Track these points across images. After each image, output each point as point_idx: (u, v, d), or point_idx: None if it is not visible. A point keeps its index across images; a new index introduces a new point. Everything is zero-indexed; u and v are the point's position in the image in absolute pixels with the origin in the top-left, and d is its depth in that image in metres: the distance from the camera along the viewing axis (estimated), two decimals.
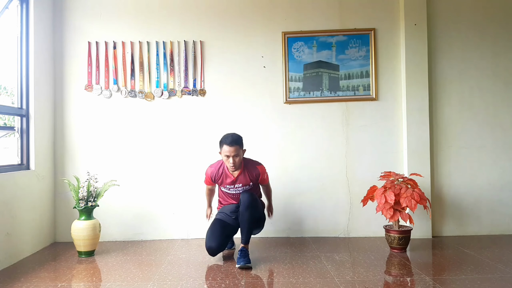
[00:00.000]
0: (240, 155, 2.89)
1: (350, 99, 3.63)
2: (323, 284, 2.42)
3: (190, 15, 3.64)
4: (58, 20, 3.63)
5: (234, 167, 2.87)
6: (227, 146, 2.82)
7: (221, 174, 2.96)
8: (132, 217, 3.59)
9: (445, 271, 2.66)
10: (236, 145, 2.83)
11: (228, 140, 2.83)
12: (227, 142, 2.83)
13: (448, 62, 3.63)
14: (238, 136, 2.91)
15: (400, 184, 3.11)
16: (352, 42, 3.65)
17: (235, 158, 2.84)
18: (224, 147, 2.84)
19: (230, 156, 2.83)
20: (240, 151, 2.87)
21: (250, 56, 3.63)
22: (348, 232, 3.61)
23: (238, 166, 2.90)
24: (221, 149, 2.88)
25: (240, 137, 2.92)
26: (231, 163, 2.84)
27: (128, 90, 3.62)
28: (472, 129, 3.62)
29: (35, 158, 3.28)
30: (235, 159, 2.84)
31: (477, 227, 3.60)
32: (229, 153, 2.82)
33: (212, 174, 2.99)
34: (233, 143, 2.82)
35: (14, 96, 3.27)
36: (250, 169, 2.96)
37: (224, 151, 2.85)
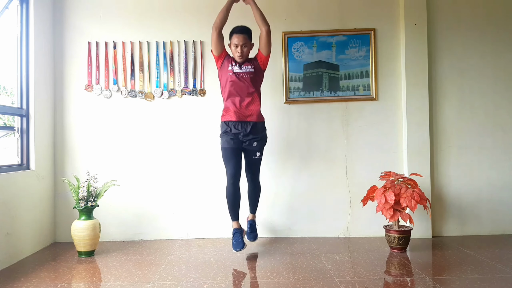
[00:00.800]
0: (248, 47, 2.95)
1: (350, 99, 3.63)
2: (323, 284, 2.42)
3: (190, 15, 3.64)
4: (58, 20, 3.63)
5: (242, 56, 2.92)
6: (236, 34, 2.89)
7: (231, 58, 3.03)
8: (132, 217, 3.59)
9: (445, 271, 2.66)
10: (245, 34, 2.90)
11: (238, 28, 2.91)
12: (236, 31, 2.91)
13: (448, 62, 3.63)
14: (247, 27, 2.98)
15: (400, 184, 3.11)
16: (352, 42, 3.65)
17: (243, 47, 2.89)
18: (233, 36, 2.91)
19: (238, 45, 2.88)
20: (248, 42, 2.93)
21: (250, 56, 3.62)
22: (348, 232, 3.61)
23: (246, 58, 2.96)
24: (230, 39, 2.95)
25: (249, 28, 2.98)
26: (238, 52, 2.89)
27: (128, 90, 3.62)
28: (472, 129, 3.62)
29: (35, 158, 3.28)
30: (243, 49, 2.89)
31: (477, 227, 3.60)
32: (238, 41, 2.88)
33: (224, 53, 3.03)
34: (243, 31, 2.89)
35: (14, 96, 3.27)
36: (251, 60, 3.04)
37: (233, 40, 2.92)
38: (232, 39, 2.94)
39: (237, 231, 3.05)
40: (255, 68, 3.01)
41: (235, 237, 3.01)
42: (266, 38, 2.95)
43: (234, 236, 3.02)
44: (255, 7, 2.98)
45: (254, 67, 3.01)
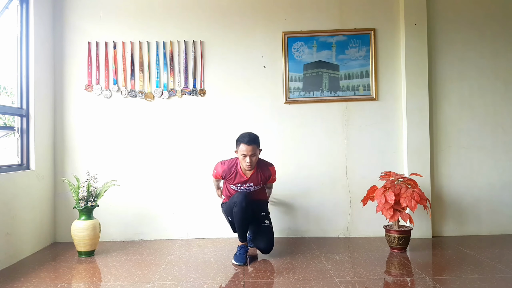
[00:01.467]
0: (257, 155, 2.88)
1: (350, 99, 3.63)
2: (323, 284, 2.42)
3: (190, 15, 3.64)
4: (58, 20, 3.63)
5: (251, 166, 2.86)
6: (245, 145, 2.80)
7: (233, 172, 2.94)
8: (132, 217, 3.59)
9: (445, 271, 2.66)
10: (254, 144, 2.82)
11: (246, 139, 2.81)
12: (245, 141, 2.81)
13: (448, 62, 3.63)
14: (255, 135, 2.90)
15: (400, 184, 3.11)
16: (352, 42, 3.65)
17: (252, 157, 2.83)
18: (242, 146, 2.82)
19: (247, 156, 2.82)
20: (257, 151, 2.87)
21: (250, 56, 3.63)
22: (348, 232, 3.60)
23: (254, 166, 2.90)
24: (238, 148, 2.86)
25: (257, 136, 2.91)
26: (247, 162, 2.83)
27: (128, 90, 3.62)
28: (472, 129, 3.62)
29: (35, 158, 3.28)
30: (252, 158, 2.83)
31: (477, 227, 3.60)
32: (247, 152, 2.81)
33: (224, 172, 2.96)
34: (251, 142, 2.81)
35: (14, 96, 3.27)
36: (263, 170, 2.97)
37: (241, 150, 2.83)
38: (239, 148, 2.84)
39: (243, 247, 2.91)
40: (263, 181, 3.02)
41: (240, 251, 2.88)
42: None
43: (240, 250, 2.89)
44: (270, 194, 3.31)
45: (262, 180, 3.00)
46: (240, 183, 2.95)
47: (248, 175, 2.93)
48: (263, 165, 2.99)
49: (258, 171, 2.95)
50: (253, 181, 2.95)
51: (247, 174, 2.93)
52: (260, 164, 2.98)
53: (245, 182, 2.95)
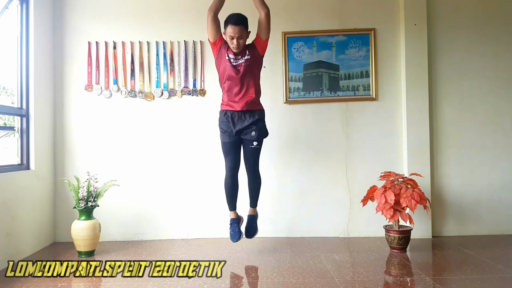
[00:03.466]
0: (245, 37, 2.81)
1: (350, 99, 3.63)
2: (323, 284, 2.42)
3: (190, 15, 3.63)
4: (58, 20, 3.63)
5: (238, 48, 2.80)
6: (232, 26, 2.73)
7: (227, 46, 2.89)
8: (132, 217, 3.59)
9: (445, 271, 2.66)
10: (241, 25, 2.74)
11: (233, 19, 2.73)
12: (231, 22, 2.72)
13: (448, 62, 3.63)
14: (243, 16, 2.80)
15: (400, 184, 3.11)
16: (352, 42, 3.65)
17: (239, 39, 2.76)
18: (229, 27, 2.75)
19: (234, 37, 2.75)
20: (244, 33, 2.79)
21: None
22: (348, 232, 3.60)
23: (242, 48, 2.83)
24: (225, 29, 2.79)
25: (245, 17, 2.80)
26: (235, 44, 2.77)
27: (128, 90, 3.62)
28: (472, 129, 3.62)
29: (35, 158, 3.28)
30: (239, 40, 2.76)
31: (477, 227, 3.60)
32: (234, 34, 2.73)
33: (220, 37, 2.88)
34: (239, 23, 2.73)
35: (14, 96, 3.27)
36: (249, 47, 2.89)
37: (228, 31, 2.76)
38: (227, 30, 2.77)
39: (234, 221, 3.04)
40: (253, 56, 2.87)
41: (232, 227, 3.01)
42: (266, 22, 2.80)
43: (231, 226, 3.02)
44: None
45: (252, 55, 2.87)
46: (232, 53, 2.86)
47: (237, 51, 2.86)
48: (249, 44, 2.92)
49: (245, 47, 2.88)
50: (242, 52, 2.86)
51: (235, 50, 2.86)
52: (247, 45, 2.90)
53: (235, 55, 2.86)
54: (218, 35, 2.89)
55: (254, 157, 3.00)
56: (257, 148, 2.97)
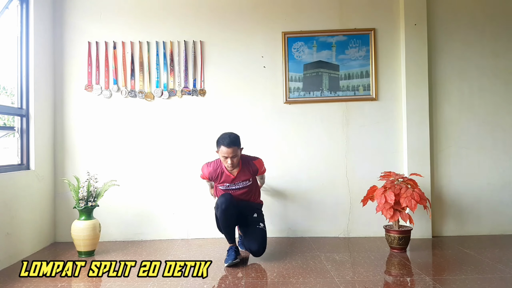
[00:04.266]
0: (238, 155, 2.86)
1: (350, 99, 3.63)
2: (323, 284, 2.42)
3: (190, 15, 3.64)
4: (58, 20, 3.63)
5: (232, 167, 2.85)
6: (225, 147, 2.79)
7: (219, 173, 2.94)
8: (132, 217, 3.59)
9: (445, 271, 2.66)
10: (234, 146, 2.79)
11: (226, 142, 2.79)
12: (224, 144, 2.79)
13: (448, 62, 3.63)
14: (235, 136, 2.87)
15: (400, 184, 3.11)
16: (352, 42, 3.65)
17: (233, 159, 2.82)
18: (222, 148, 2.81)
19: (228, 157, 2.81)
20: (237, 151, 2.84)
21: (250, 56, 3.63)
22: (348, 232, 3.60)
23: (236, 166, 2.88)
24: (219, 149, 2.84)
25: (237, 136, 2.88)
26: (229, 164, 2.83)
27: (128, 90, 3.62)
28: (472, 129, 3.62)
29: (35, 158, 3.28)
30: (233, 159, 2.82)
31: (477, 227, 3.60)
32: (227, 154, 2.80)
33: (210, 174, 2.97)
34: (231, 144, 2.79)
35: (14, 96, 3.27)
36: (248, 165, 2.95)
37: (222, 152, 2.82)
38: (220, 150, 2.82)
39: (232, 248, 2.92)
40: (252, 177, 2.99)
41: (229, 252, 2.88)
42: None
43: (229, 251, 2.90)
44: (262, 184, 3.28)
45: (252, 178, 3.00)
46: (228, 182, 2.94)
47: (234, 174, 2.92)
48: (248, 160, 2.97)
49: (244, 167, 2.94)
50: (240, 178, 2.94)
51: (233, 173, 2.92)
52: (245, 161, 2.96)
53: (233, 181, 2.93)
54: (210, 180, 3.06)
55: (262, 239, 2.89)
56: (264, 230, 2.96)
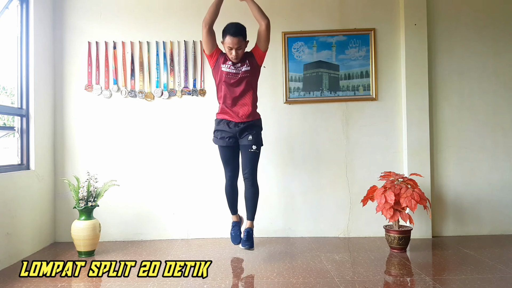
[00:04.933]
0: (243, 48, 2.76)
1: (350, 99, 3.63)
2: (323, 284, 2.42)
3: (190, 15, 3.63)
4: (58, 20, 3.63)
5: (237, 59, 2.77)
6: (231, 36, 2.68)
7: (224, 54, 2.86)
8: (132, 217, 3.59)
9: (445, 271, 2.66)
10: (240, 36, 2.70)
11: (232, 30, 2.68)
12: (230, 32, 2.68)
13: (448, 62, 3.63)
14: (242, 26, 2.75)
15: (400, 184, 3.11)
16: (352, 42, 3.65)
17: (238, 50, 2.73)
18: (227, 38, 2.70)
19: (232, 48, 2.72)
20: (243, 43, 2.74)
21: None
22: (348, 232, 3.60)
23: (240, 58, 2.80)
24: (224, 39, 2.75)
25: (244, 27, 2.76)
26: (233, 55, 2.74)
27: (128, 90, 3.62)
28: (472, 129, 3.62)
29: (35, 158, 3.28)
30: (238, 51, 2.73)
31: (477, 227, 3.60)
32: (232, 44, 2.69)
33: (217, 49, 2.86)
34: (237, 34, 2.68)
35: (14, 96, 3.27)
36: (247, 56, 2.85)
37: (226, 42, 2.71)
38: (225, 40, 2.73)
39: (236, 224, 3.07)
40: (252, 66, 2.84)
41: (234, 229, 3.04)
42: (266, 33, 2.77)
43: (233, 228, 3.05)
44: (251, 1, 2.81)
45: (251, 65, 2.83)
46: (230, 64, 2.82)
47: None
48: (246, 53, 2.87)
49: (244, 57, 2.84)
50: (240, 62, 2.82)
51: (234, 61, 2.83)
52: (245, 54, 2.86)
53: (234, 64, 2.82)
54: (215, 47, 2.85)
55: (253, 163, 2.90)
56: (256, 153, 2.90)
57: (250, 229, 2.92)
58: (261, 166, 3.37)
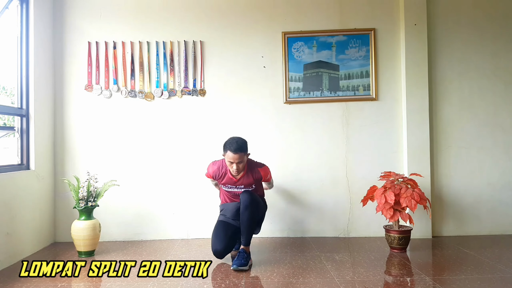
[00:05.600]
0: (244, 161, 2.83)
1: (350, 99, 3.63)
2: (323, 284, 2.42)
3: (190, 15, 3.64)
4: (58, 20, 3.63)
5: (238, 172, 2.84)
6: (231, 153, 2.75)
7: (223, 173, 2.92)
8: (132, 217, 3.59)
9: (445, 271, 2.66)
10: (240, 152, 2.76)
11: (233, 147, 2.75)
12: (231, 149, 2.75)
13: (448, 62, 3.63)
14: (242, 141, 2.82)
15: (400, 184, 3.11)
16: (352, 42, 3.65)
17: (238, 164, 2.79)
18: (228, 153, 2.77)
19: (233, 163, 2.78)
20: (244, 157, 2.81)
21: (250, 56, 3.63)
22: (348, 232, 3.60)
23: (242, 171, 2.86)
24: (225, 153, 2.81)
25: (244, 142, 2.84)
26: (234, 169, 2.80)
27: (128, 90, 3.62)
28: (472, 129, 3.62)
29: (35, 158, 3.28)
30: (238, 165, 2.79)
31: (477, 227, 3.60)
32: (233, 160, 2.77)
33: (214, 173, 2.96)
34: (238, 150, 2.75)
35: (14, 96, 3.27)
36: (253, 171, 2.91)
37: (228, 157, 2.79)
38: (226, 154, 2.79)
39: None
40: (255, 182, 2.93)
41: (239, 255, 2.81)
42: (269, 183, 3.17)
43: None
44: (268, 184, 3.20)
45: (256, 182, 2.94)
46: (231, 184, 2.93)
47: (237, 178, 2.89)
48: (253, 167, 2.92)
49: (248, 173, 2.90)
50: (243, 183, 2.90)
51: (236, 177, 2.89)
52: (250, 166, 2.92)
53: (235, 184, 2.91)
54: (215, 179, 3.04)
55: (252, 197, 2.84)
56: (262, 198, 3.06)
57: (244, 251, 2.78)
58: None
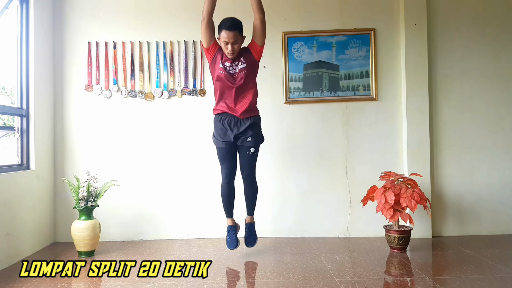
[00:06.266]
0: (239, 42, 2.72)
1: (350, 99, 3.63)
2: (323, 284, 2.42)
3: (190, 15, 3.63)
4: (58, 20, 3.63)
5: (233, 54, 2.73)
6: (226, 31, 2.64)
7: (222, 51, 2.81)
8: (132, 217, 3.59)
9: (445, 271, 2.66)
10: (235, 30, 2.67)
11: (227, 24, 2.65)
12: (226, 27, 2.64)
13: (448, 62, 3.63)
14: (238, 20, 2.72)
15: (400, 184, 3.11)
16: (352, 42, 3.65)
17: (234, 45, 2.69)
18: (223, 32, 2.66)
19: (228, 43, 2.68)
20: (239, 38, 2.70)
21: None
22: (348, 232, 3.61)
23: (237, 53, 2.76)
24: (220, 34, 2.70)
25: (240, 22, 2.73)
26: (229, 50, 2.70)
27: (128, 90, 3.62)
28: (472, 129, 3.62)
29: (35, 158, 3.28)
30: (234, 46, 2.69)
31: (477, 227, 3.60)
32: (228, 39, 2.65)
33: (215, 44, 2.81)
34: (233, 28, 2.64)
35: (14, 96, 3.27)
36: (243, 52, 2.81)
37: (222, 36, 2.67)
38: (221, 35, 2.69)
39: (232, 228, 3.04)
40: (249, 62, 2.79)
41: (229, 234, 3.01)
42: (261, 27, 2.74)
43: (228, 233, 3.02)
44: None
45: (248, 61, 2.79)
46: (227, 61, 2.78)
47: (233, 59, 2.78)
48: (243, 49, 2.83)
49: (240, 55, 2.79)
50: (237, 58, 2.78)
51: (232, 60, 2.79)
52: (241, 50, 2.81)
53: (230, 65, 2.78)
54: (212, 41, 2.81)
55: (251, 164, 2.94)
56: (254, 154, 2.92)
57: (251, 224, 2.98)
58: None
